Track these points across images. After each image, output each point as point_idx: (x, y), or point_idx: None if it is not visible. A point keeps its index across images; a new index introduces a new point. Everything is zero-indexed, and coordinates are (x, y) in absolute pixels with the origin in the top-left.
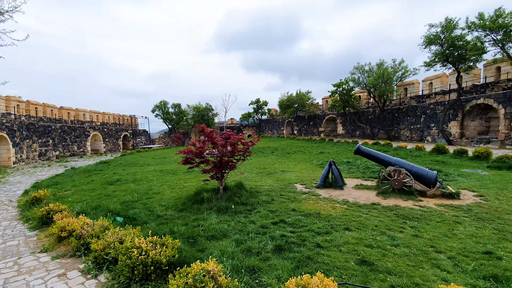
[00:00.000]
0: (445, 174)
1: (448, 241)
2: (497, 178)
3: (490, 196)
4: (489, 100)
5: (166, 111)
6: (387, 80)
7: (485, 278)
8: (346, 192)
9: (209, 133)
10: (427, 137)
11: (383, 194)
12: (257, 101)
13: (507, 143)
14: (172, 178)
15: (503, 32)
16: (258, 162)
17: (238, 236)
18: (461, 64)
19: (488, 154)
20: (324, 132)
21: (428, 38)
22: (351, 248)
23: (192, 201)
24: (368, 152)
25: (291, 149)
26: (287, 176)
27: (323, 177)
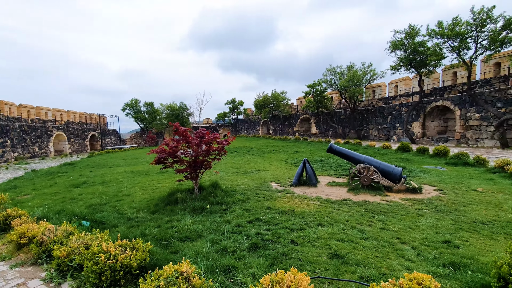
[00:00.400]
0: (409, 170)
1: (411, 232)
2: (454, 174)
3: (448, 190)
4: (447, 102)
5: (137, 110)
6: (357, 82)
7: (445, 265)
8: (319, 189)
9: (183, 132)
10: (393, 136)
11: (354, 190)
12: (233, 101)
13: (462, 141)
14: (144, 179)
15: (459, 40)
16: (234, 162)
17: (213, 236)
18: (422, 68)
19: (446, 152)
20: (299, 132)
21: (394, 44)
22: (323, 243)
23: (165, 202)
24: (340, 151)
25: (266, 149)
26: (262, 175)
27: (297, 175)
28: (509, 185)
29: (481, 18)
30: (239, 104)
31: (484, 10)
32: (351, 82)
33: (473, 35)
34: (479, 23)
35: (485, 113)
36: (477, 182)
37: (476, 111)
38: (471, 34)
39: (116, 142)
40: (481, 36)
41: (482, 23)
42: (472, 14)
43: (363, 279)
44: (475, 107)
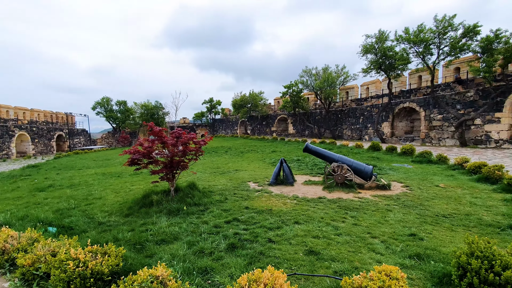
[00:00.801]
0: (379, 168)
1: (381, 227)
2: (419, 171)
3: (414, 186)
4: (413, 104)
5: (109, 108)
6: (331, 84)
7: (411, 257)
8: (296, 188)
9: (158, 131)
10: (365, 136)
11: (329, 188)
12: (210, 100)
13: (426, 140)
14: (116, 182)
15: (424, 46)
16: (211, 162)
17: (190, 238)
18: (391, 72)
19: (412, 151)
20: (276, 132)
21: (365, 47)
22: (300, 240)
23: (139, 205)
24: (315, 150)
25: (244, 148)
26: (240, 175)
27: (275, 174)
28: (467, 181)
29: (443, 26)
30: (216, 103)
31: (446, 19)
32: (326, 83)
33: (436, 41)
34: (441, 31)
35: (446, 114)
36: (439, 178)
37: (439, 112)
38: (434, 41)
39: (86, 143)
40: (443, 42)
41: (444, 30)
42: (435, 22)
43: (336, 273)
44: (437, 109)
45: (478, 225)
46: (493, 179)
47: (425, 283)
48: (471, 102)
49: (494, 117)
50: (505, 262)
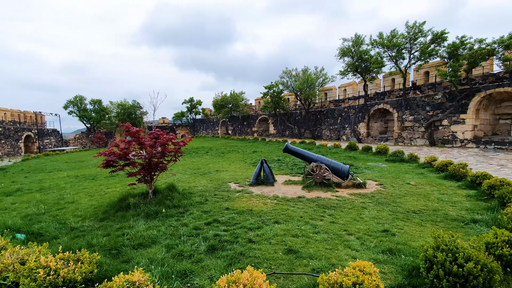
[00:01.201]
0: (355, 167)
1: (357, 224)
2: (392, 169)
3: (387, 184)
4: (387, 106)
5: (83, 107)
6: (311, 85)
7: (383, 252)
8: (276, 188)
9: (135, 132)
10: (342, 136)
11: (308, 187)
12: (190, 100)
13: (399, 140)
14: (91, 184)
15: (396, 50)
16: (192, 163)
17: (169, 241)
18: (366, 74)
19: (386, 150)
20: (257, 132)
21: (342, 50)
22: (279, 239)
23: (115, 209)
24: (295, 151)
25: (225, 149)
26: (221, 176)
27: (255, 175)
28: (435, 178)
29: (414, 32)
30: (197, 103)
31: (416, 25)
32: (306, 84)
33: (407, 46)
34: (412, 36)
35: (417, 115)
36: (411, 176)
37: (410, 114)
38: (406, 46)
39: (57, 144)
40: (414, 47)
41: (414, 36)
42: (406, 28)
43: (314, 271)
44: (409, 110)
45: (445, 220)
46: (458, 177)
47: (396, 277)
48: (439, 104)
49: (459, 119)
50: (467, 255)
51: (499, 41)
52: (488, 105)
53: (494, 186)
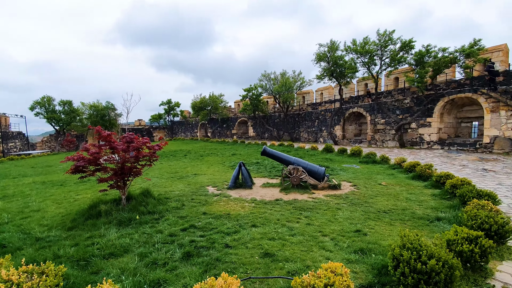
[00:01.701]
0: (331, 169)
1: (331, 225)
2: (365, 170)
3: (360, 185)
4: (360, 109)
5: (51, 109)
6: (289, 88)
7: (355, 251)
8: (254, 191)
9: (107, 136)
10: (320, 139)
11: (285, 190)
12: (168, 102)
13: (372, 142)
14: (59, 191)
15: (369, 57)
16: (169, 166)
17: (142, 249)
18: (341, 79)
19: (360, 152)
20: (237, 134)
21: (318, 55)
22: (256, 243)
23: (85, 217)
24: (273, 153)
25: (204, 152)
26: (199, 179)
27: (233, 178)
28: (404, 178)
29: (384, 40)
30: (175, 105)
31: (386, 33)
32: (284, 88)
33: (379, 53)
34: (383, 44)
35: (388, 119)
36: (382, 177)
37: (382, 117)
38: (377, 53)
39: (23, 147)
40: (385, 54)
41: (385, 43)
42: (378, 35)
43: (289, 273)
44: (381, 114)
45: (412, 218)
46: (425, 177)
47: (367, 275)
48: (408, 108)
49: (426, 122)
50: (430, 252)
51: (460, 50)
52: (451, 109)
53: (456, 186)
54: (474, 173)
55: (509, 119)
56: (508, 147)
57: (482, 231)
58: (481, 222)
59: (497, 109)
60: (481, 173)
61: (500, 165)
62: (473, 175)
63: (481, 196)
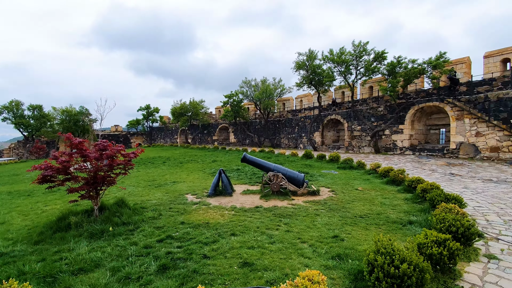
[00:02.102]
0: (310, 175)
1: (310, 231)
2: (343, 176)
3: (338, 191)
4: (338, 116)
5: (20, 114)
6: (269, 95)
7: (333, 258)
8: (234, 198)
9: (78, 144)
10: (300, 145)
11: (265, 197)
12: (147, 107)
13: (349, 148)
14: (25, 202)
15: (345, 66)
16: (147, 174)
17: (115, 264)
18: (320, 87)
19: (337, 158)
20: (218, 141)
21: (297, 64)
22: (235, 252)
23: (54, 229)
24: (253, 160)
25: (184, 158)
26: (178, 187)
27: (213, 185)
28: (379, 183)
29: (359, 50)
30: (154, 111)
31: (361, 44)
32: (265, 94)
33: (354, 63)
34: (358, 54)
35: (364, 125)
36: (358, 183)
37: (358, 124)
38: (353, 62)
39: None
40: (360, 64)
41: (360, 54)
42: (353, 46)
43: (268, 283)
44: (357, 121)
45: (386, 222)
46: (398, 181)
47: (344, 281)
48: (382, 116)
49: (398, 129)
50: (402, 256)
51: (428, 62)
52: (421, 117)
53: (426, 190)
54: (443, 177)
55: (473, 126)
56: (472, 153)
57: (450, 233)
58: (449, 225)
59: (461, 117)
60: (449, 177)
61: (465, 170)
62: (442, 179)
63: (449, 200)
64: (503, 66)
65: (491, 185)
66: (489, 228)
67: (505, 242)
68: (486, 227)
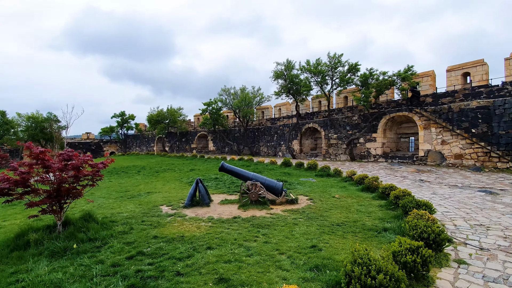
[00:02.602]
0: (289, 183)
1: (288, 242)
2: (321, 184)
3: (316, 199)
4: (315, 125)
5: None
6: (248, 103)
7: (311, 269)
8: (212, 209)
9: (39, 153)
10: (279, 153)
11: (244, 206)
12: (122, 114)
13: (326, 156)
14: None
15: (321, 76)
16: (119, 185)
17: (77, 285)
18: (297, 96)
19: (315, 166)
20: (197, 149)
21: (276, 73)
22: (211, 268)
23: (11, 248)
24: (231, 169)
25: (160, 167)
26: (153, 198)
27: (190, 196)
28: (355, 191)
29: (334, 62)
30: (129, 118)
31: (336, 56)
32: (244, 103)
33: (330, 74)
34: (333, 65)
35: (340, 134)
36: (335, 190)
37: (334, 132)
38: (329, 73)
39: None
40: (335, 75)
41: (335, 65)
42: (328, 58)
43: None
44: (333, 129)
45: (362, 230)
46: (372, 188)
47: None
48: (356, 125)
49: (372, 137)
50: (378, 266)
51: (397, 74)
52: (392, 126)
53: (398, 197)
54: (413, 184)
55: (439, 135)
56: (439, 160)
57: (422, 240)
58: (421, 232)
59: (428, 126)
60: (419, 184)
61: (433, 176)
62: (412, 186)
63: (420, 206)
64: (463, 80)
65: (456, 190)
66: (457, 233)
67: (472, 247)
68: (454, 232)
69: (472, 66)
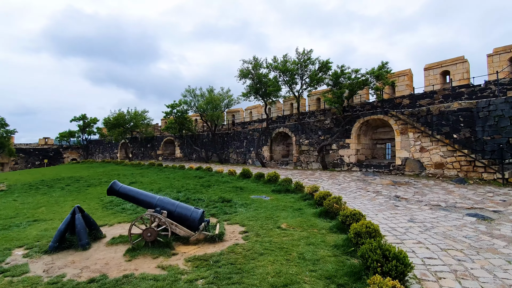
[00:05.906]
0: (231, 204)
1: None
2: (273, 203)
3: (253, 231)
4: (286, 129)
5: None
6: (216, 106)
7: None
8: (84, 257)
9: None
10: (248, 160)
11: (133, 251)
12: (83, 117)
13: (298, 164)
14: None
15: (290, 75)
16: (16, 206)
17: None
18: (266, 97)
19: (276, 178)
20: (163, 155)
21: (242, 72)
22: None
23: None
24: (125, 192)
25: (100, 179)
26: (26, 232)
27: (58, 233)
28: (311, 216)
29: (304, 59)
30: (91, 121)
31: (305, 52)
32: (210, 105)
33: (300, 72)
34: (302, 63)
35: (311, 139)
36: (286, 215)
37: (306, 137)
38: (298, 72)
39: None
40: (305, 74)
41: (305, 63)
42: (297, 54)
43: None
44: (304, 134)
45: None
46: (332, 213)
47: None
48: (329, 129)
49: (345, 143)
50: None
51: (371, 72)
52: (367, 130)
53: (360, 234)
54: (387, 203)
55: (417, 141)
56: (417, 169)
57: None
58: None
59: (406, 131)
60: (393, 203)
61: (411, 190)
62: (386, 206)
63: (389, 260)
64: (443, 79)
65: (440, 214)
66: None
67: None
68: None
69: (452, 64)
